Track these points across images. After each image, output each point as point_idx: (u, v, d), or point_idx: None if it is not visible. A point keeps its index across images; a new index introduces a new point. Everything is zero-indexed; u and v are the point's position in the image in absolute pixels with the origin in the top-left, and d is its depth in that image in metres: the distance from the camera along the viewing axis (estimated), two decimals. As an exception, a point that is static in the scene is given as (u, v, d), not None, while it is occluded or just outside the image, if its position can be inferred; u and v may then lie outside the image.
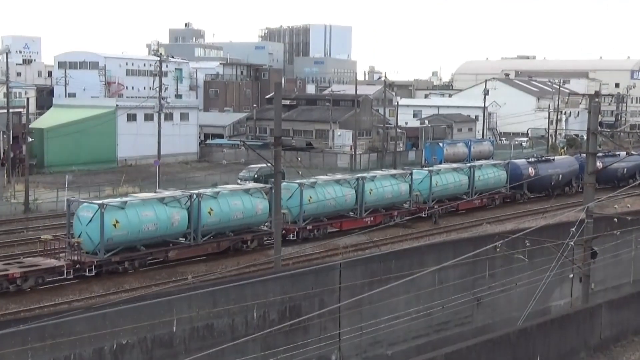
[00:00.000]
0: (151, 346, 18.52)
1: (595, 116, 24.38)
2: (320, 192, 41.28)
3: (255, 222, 38.49)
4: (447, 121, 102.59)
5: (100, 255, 32.28)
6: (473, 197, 50.80)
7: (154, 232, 33.87)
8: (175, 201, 35.10)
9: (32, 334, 16.61)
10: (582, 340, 22.10)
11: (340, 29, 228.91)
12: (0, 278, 29.61)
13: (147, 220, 33.51)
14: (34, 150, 66.29)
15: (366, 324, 21.92)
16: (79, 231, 32.71)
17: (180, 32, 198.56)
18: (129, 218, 33.03)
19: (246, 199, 37.73)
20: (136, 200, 34.72)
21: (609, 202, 46.77)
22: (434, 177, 48.63)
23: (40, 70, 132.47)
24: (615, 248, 28.63)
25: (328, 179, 43.88)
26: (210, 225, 36.11)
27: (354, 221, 43.35)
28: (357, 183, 43.38)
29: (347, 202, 42.85)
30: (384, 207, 45.33)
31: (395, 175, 46.86)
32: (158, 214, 33.92)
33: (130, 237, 33.23)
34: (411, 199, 46.68)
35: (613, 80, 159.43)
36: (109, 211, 32.38)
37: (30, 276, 30.27)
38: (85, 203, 34.12)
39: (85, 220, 32.51)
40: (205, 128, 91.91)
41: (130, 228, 33.01)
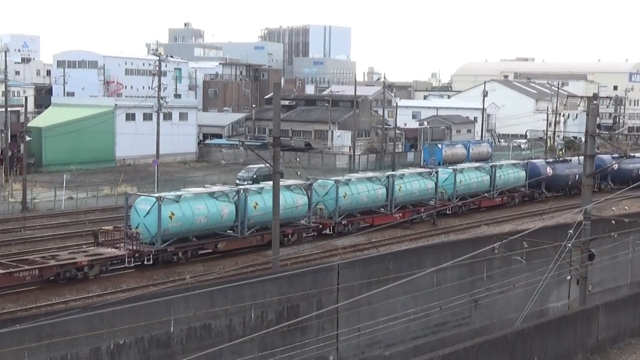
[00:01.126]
0: (148, 346, 18.49)
1: (594, 118, 24.38)
2: (354, 189, 43.19)
3: (295, 216, 40.23)
4: (446, 122, 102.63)
5: (157, 245, 34.13)
6: (494, 195, 52.83)
7: (205, 224, 35.79)
8: (224, 196, 37.10)
9: (28, 333, 16.58)
10: (579, 342, 22.11)
11: (339, 30, 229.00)
12: (70, 266, 31.41)
13: (199, 213, 35.47)
14: (32, 149, 66.24)
15: (364, 324, 21.91)
16: (137, 223, 34.59)
17: (180, 32, 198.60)
18: (183, 211, 34.97)
19: (288, 194, 39.29)
20: (189, 194, 36.48)
21: (606, 204, 46.85)
22: (458, 175, 50.21)
23: (38, 69, 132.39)
24: (613, 250, 28.64)
25: (361, 176, 46.01)
26: (255, 218, 37.92)
27: (384, 217, 44.71)
28: (387, 180, 45.20)
29: (378, 199, 44.62)
30: (411, 203, 47.12)
31: (422, 174, 48.72)
32: (209, 208, 35.82)
33: (183, 229, 35.17)
34: (437, 196, 48.28)
35: (611, 83, 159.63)
36: (166, 204, 34.36)
37: (96, 264, 32.14)
38: (142, 196, 36.04)
39: (143, 212, 34.39)
40: (204, 128, 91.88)
41: (184, 220, 34.93)
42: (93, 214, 47.92)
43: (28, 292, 30.07)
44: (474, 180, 51.61)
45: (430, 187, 47.81)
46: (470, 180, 51.31)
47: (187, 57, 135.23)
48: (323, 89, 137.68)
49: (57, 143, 71.23)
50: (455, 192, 49.63)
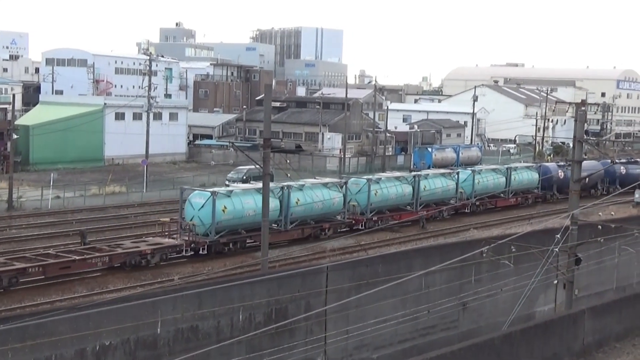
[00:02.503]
0: (134, 347, 18.37)
1: (582, 124, 24.49)
2: (384, 187, 45.96)
3: (331, 212, 42.83)
4: (436, 126, 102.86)
5: (211, 236, 36.51)
6: (509, 196, 55.57)
7: (253, 217, 37.65)
8: (270, 191, 37.39)
9: (13, 334, 16.40)
10: (565, 345, 22.17)
11: (331, 32, 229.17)
12: (135, 254, 33.81)
13: (248, 207, 37.85)
14: (19, 148, 65.78)
15: (352, 327, 21.88)
16: (191, 215, 36.82)
17: (171, 32, 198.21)
18: (235, 204, 37.41)
19: (325, 191, 42.06)
20: (239, 189, 39.17)
21: (593, 209, 47.08)
22: (476, 176, 52.96)
23: (27, 67, 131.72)
24: (599, 255, 28.77)
25: (389, 175, 49.52)
26: (297, 213, 40.56)
27: (410, 213, 47.44)
28: (413, 180, 48.16)
29: (405, 197, 47.57)
30: (434, 202, 49.90)
31: (444, 174, 51.80)
32: (256, 202, 37.33)
33: (234, 222, 37.57)
34: (457, 195, 51.19)
35: (599, 90, 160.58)
36: (219, 198, 36.72)
37: (157, 253, 34.63)
38: (197, 190, 38.63)
39: (197, 205, 36.65)
40: (194, 128, 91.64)
41: (235, 213, 37.35)
42: (80, 214, 47.64)
43: (13, 292, 29.86)
44: (490, 181, 54.27)
45: (452, 186, 50.91)
46: (488, 181, 53.98)
47: (178, 57, 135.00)
48: (314, 91, 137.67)
49: (45, 141, 70.82)
50: (473, 191, 52.33)
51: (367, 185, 44.65)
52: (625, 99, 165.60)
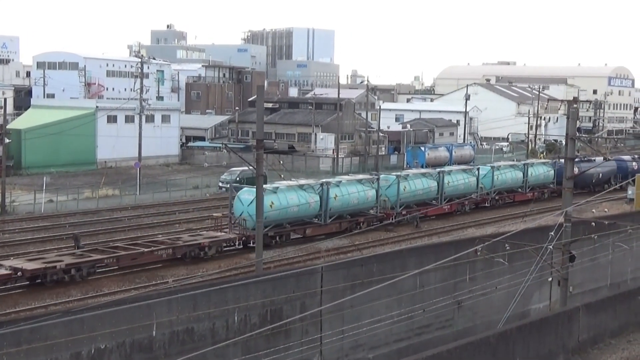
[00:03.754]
0: (130, 351, 18.32)
1: (574, 122, 24.55)
2: (412, 183, 48.66)
3: (365, 207, 45.43)
4: (429, 125, 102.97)
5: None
6: (526, 191, 57.84)
7: (297, 212, 40.99)
8: (311, 188, 42.27)
9: (7, 338, 16.34)
10: (561, 343, 22.24)
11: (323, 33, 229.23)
12: (195, 246, 36.08)
13: (292, 203, 40.61)
14: (11, 152, 65.55)
15: (348, 327, 21.87)
16: (240, 211, 39.23)
17: (162, 34, 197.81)
18: (280, 200, 40.02)
19: (360, 187, 44.71)
20: (284, 186, 41.41)
21: (586, 206, 47.20)
22: (495, 172, 55.46)
23: (18, 70, 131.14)
24: (593, 252, 28.85)
25: (416, 172, 52.19)
26: (335, 208, 43.27)
27: (436, 208, 49.94)
28: (438, 176, 50.70)
29: (431, 192, 50.23)
30: (457, 197, 52.16)
31: (466, 170, 54.48)
32: (300, 198, 41.01)
33: (280, 216, 40.18)
34: (478, 190, 53.72)
35: (591, 87, 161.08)
36: (267, 194, 38.33)
37: (214, 245, 36.95)
38: (246, 187, 41.16)
39: (246, 201, 38.87)
40: (186, 130, 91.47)
41: (281, 209, 39.96)
42: (74, 217, 47.46)
43: (7, 296, 29.75)
44: (509, 176, 56.59)
45: (473, 182, 53.47)
46: (506, 176, 56.31)
47: (170, 59, 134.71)
48: (306, 91, 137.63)
49: (37, 145, 70.59)
50: (493, 187, 54.85)
51: (396, 181, 47.36)
52: (616, 96, 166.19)
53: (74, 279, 31.40)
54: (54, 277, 30.89)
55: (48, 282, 30.80)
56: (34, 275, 30.47)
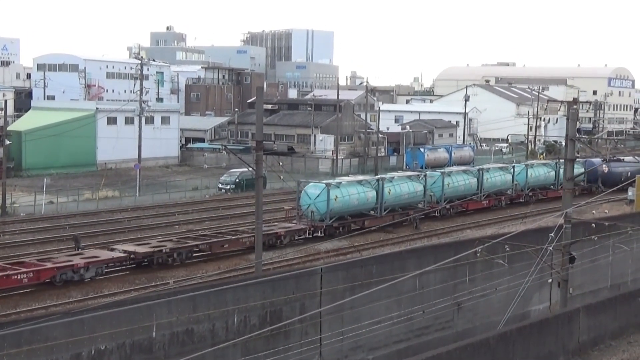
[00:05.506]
0: (130, 352, 18.34)
1: (574, 123, 24.54)
2: (454, 179, 51.96)
3: (414, 201, 48.84)
4: (428, 127, 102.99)
5: (326, 221, 42.66)
6: (558, 188, 58.97)
7: (357, 205, 44.46)
8: (368, 183, 45.86)
9: (8, 339, 16.36)
10: (561, 344, 22.24)
11: (322, 34, 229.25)
12: (272, 235, 39.36)
13: (353, 197, 44.07)
14: (11, 153, 65.61)
15: (347, 328, 21.87)
16: (307, 204, 42.69)
17: (162, 36, 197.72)
18: (343, 194, 43.59)
19: (410, 183, 48.36)
20: (345, 181, 45.46)
21: (587, 207, 47.23)
22: (529, 170, 58.26)
23: (18, 72, 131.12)
24: (593, 253, 28.84)
25: (458, 169, 55.40)
26: (389, 202, 46.49)
27: (476, 203, 53.63)
28: (478, 173, 53.89)
29: (471, 188, 53.23)
30: (494, 192, 55.60)
31: (502, 168, 57.72)
32: (359, 192, 44.45)
33: (342, 209, 43.69)
34: (512, 187, 56.77)
35: (591, 88, 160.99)
36: (332, 189, 42.91)
37: (288, 234, 40.50)
38: (312, 183, 45.19)
39: (313, 195, 42.71)
40: (186, 132, 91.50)
41: (343, 202, 43.53)
42: (74, 219, 47.48)
43: (8, 297, 29.76)
44: (542, 174, 59.16)
45: (508, 179, 56.50)
46: (539, 174, 58.87)
47: (169, 61, 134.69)
48: (306, 93, 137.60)
49: (37, 147, 70.63)
50: (527, 184, 57.58)
51: (440, 178, 50.66)
52: (617, 97, 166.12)
53: (174, 262, 35.31)
54: (159, 259, 34.81)
55: (154, 264, 34.64)
56: (145, 257, 34.63)
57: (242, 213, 50.24)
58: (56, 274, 31.50)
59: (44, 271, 31.21)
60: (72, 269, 32.03)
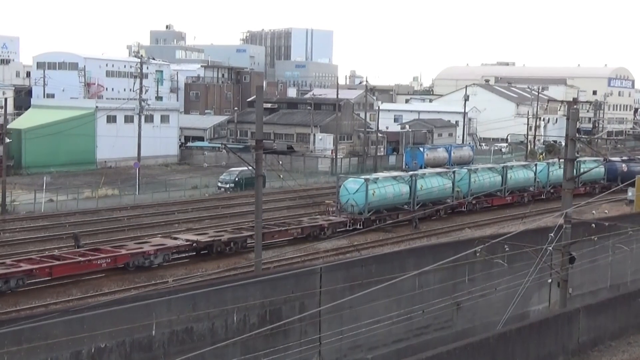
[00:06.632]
0: (130, 350, 18.35)
1: (574, 123, 24.53)
2: (480, 176, 54.53)
3: (444, 196, 51.33)
4: (427, 126, 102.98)
5: (364, 214, 45.00)
6: (579, 186, 61.06)
7: (392, 200, 47.11)
8: (402, 179, 48.56)
9: (8, 337, 16.36)
10: (560, 344, 22.26)
11: (321, 33, 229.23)
12: (316, 227, 41.95)
13: (389, 192, 46.65)
14: (11, 151, 65.58)
15: (346, 328, 21.87)
16: (346, 198, 45.15)
17: (161, 34, 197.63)
18: (380, 189, 46.04)
19: (439, 179, 50.96)
20: (382, 177, 48.36)
21: (586, 208, 47.23)
22: (550, 168, 60.35)
23: (18, 71, 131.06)
24: (593, 253, 28.83)
25: (484, 166, 57.77)
26: (420, 196, 49.04)
27: (499, 199, 56.41)
28: (502, 170, 56.46)
29: (496, 184, 55.74)
30: (518, 189, 57.96)
31: (525, 165, 60.40)
32: (394, 188, 47.16)
33: (379, 203, 46.13)
34: (535, 183, 59.10)
35: (591, 88, 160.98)
36: (370, 184, 45.40)
37: (330, 226, 42.83)
38: (351, 178, 48.00)
39: (352, 190, 45.09)
40: (185, 130, 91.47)
41: (380, 196, 45.99)
42: (74, 217, 47.48)
43: (8, 295, 29.76)
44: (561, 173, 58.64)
45: (531, 176, 58.81)
46: (560, 172, 59.63)
47: (169, 60, 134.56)
48: (305, 92, 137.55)
49: (37, 145, 70.61)
50: (548, 181, 60.07)
51: (467, 175, 52.88)
52: (616, 97, 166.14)
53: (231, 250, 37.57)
54: (218, 248, 37.11)
55: (213, 252, 36.88)
56: (206, 245, 36.88)
57: (241, 212, 50.26)
58: (130, 260, 33.71)
59: (120, 257, 33.55)
60: (144, 255, 34.24)
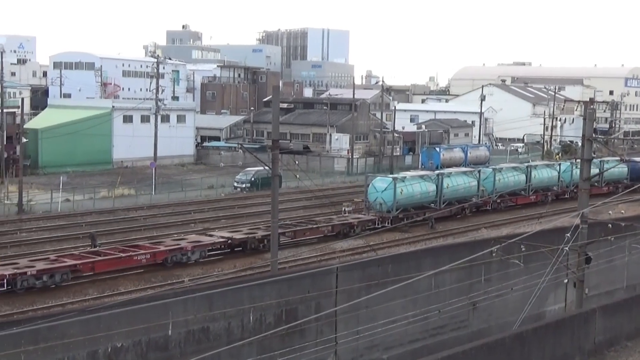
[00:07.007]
0: (146, 349, 18.43)
1: (590, 123, 24.38)
2: (505, 175, 55.14)
3: (469, 195, 52.03)
4: (443, 126, 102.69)
5: (393, 212, 45.78)
6: (602, 185, 62.45)
7: (419, 198, 48.02)
8: (429, 178, 49.42)
9: (25, 336, 16.48)
10: (577, 345, 22.12)
11: (337, 33, 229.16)
12: (345, 225, 42.71)
13: (416, 190, 47.57)
14: (28, 151, 66.10)
15: (362, 327, 21.87)
16: (375, 196, 45.98)
17: (178, 34, 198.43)
18: (407, 188, 46.90)
19: (465, 178, 51.90)
20: (409, 176, 49.11)
21: (603, 208, 46.91)
22: (574, 167, 59.80)
23: (35, 70, 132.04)
24: (609, 254, 28.65)
25: (507, 166, 58.61)
26: (447, 195, 49.92)
27: (524, 197, 56.83)
28: (527, 169, 56.99)
29: (520, 183, 56.38)
30: (542, 188, 58.35)
31: (549, 165, 61.12)
32: (421, 187, 48.04)
33: (407, 202, 47.00)
34: (559, 183, 59.64)
35: (607, 88, 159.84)
36: (398, 182, 46.39)
37: (360, 224, 43.47)
38: (379, 177, 49.15)
39: (380, 188, 45.97)
40: (202, 130, 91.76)
41: (408, 195, 46.87)
42: (90, 217, 47.77)
43: (25, 294, 30.01)
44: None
45: (555, 176, 59.26)
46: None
47: (185, 60, 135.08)
48: (321, 92, 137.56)
49: (54, 145, 71.10)
50: (572, 181, 59.91)
51: (492, 174, 53.62)
52: (633, 97, 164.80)
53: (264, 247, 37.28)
54: (252, 245, 37.64)
55: (247, 249, 37.44)
56: (240, 243, 37.52)
57: (258, 212, 50.36)
58: (168, 256, 34.28)
59: (159, 253, 34.11)
60: (181, 251, 34.78)
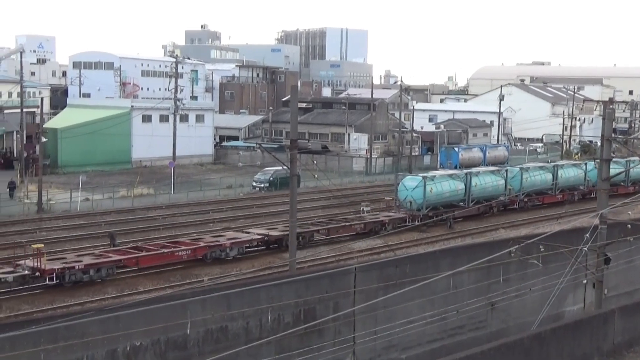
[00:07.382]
0: (164, 348, 18.54)
1: (610, 123, 24.21)
2: (532, 174, 55.70)
3: (497, 194, 52.31)
4: (462, 126, 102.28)
5: (422, 210, 46.31)
6: (628, 185, 62.91)
7: (448, 197, 48.58)
8: (458, 177, 50.06)
9: (44, 335, 16.62)
10: (595, 345, 21.96)
11: (356, 33, 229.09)
12: (377, 223, 43.06)
13: (445, 189, 48.16)
14: (47, 150, 66.56)
15: (380, 327, 21.86)
16: (404, 195, 46.71)
17: (196, 34, 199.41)
18: (436, 187, 47.47)
19: (492, 177, 52.36)
20: (438, 175, 49.64)
21: (622, 208, 46.51)
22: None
23: (54, 70, 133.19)
24: (629, 254, 28.43)
25: (535, 165, 58.96)
26: (475, 194, 50.50)
27: (551, 197, 57.11)
28: (553, 169, 57.41)
29: (546, 182, 56.80)
30: (568, 187, 58.64)
31: (575, 164, 61.36)
32: (450, 186, 48.59)
33: (436, 200, 47.67)
34: (585, 182, 59.67)
35: (627, 88, 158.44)
36: (428, 181, 46.91)
37: (391, 222, 43.95)
38: (409, 176, 50.07)
39: (410, 187, 46.63)
40: (220, 130, 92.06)
41: (437, 193, 47.48)
42: (109, 216, 48.09)
43: (44, 293, 30.30)
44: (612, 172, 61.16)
45: (581, 175, 59.60)
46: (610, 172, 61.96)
47: (204, 59, 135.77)
48: (340, 91, 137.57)
49: (73, 144, 71.60)
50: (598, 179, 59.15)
51: (519, 173, 54.13)
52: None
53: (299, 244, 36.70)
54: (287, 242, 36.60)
55: (283, 245, 37.49)
56: (277, 239, 38.12)
57: (276, 211, 50.45)
58: (207, 252, 34.90)
59: (199, 249, 34.78)
60: (220, 248, 35.35)
